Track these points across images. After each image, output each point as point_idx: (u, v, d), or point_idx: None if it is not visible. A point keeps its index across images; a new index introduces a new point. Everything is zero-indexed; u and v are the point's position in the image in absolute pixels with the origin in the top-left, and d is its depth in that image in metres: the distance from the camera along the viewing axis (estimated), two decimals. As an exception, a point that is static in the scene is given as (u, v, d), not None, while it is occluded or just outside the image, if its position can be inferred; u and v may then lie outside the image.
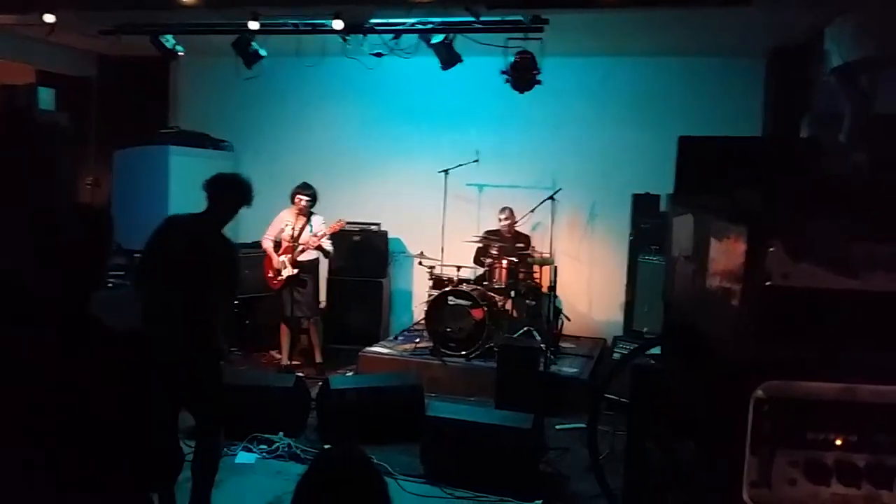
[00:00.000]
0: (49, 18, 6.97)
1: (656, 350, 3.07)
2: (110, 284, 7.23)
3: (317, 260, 8.22)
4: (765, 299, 1.65)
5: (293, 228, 7.89)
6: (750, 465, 1.69)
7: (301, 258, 7.91)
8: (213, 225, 4.63)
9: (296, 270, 7.87)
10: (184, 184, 8.98)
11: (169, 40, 7.75)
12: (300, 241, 7.89)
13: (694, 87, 8.45)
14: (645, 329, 7.65)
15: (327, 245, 8.07)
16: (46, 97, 8.03)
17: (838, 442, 1.68)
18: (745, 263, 1.67)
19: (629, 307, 8.31)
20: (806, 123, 5.40)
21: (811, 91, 6.79)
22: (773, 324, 1.65)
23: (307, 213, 7.98)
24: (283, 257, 7.86)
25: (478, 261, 8.61)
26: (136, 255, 7.86)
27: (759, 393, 1.67)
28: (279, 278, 7.90)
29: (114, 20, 7.64)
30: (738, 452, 1.69)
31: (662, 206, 7.36)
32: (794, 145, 2.68)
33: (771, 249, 1.63)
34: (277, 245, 7.95)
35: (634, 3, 6.16)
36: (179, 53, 7.95)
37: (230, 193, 4.67)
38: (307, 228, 7.98)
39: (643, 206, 8.20)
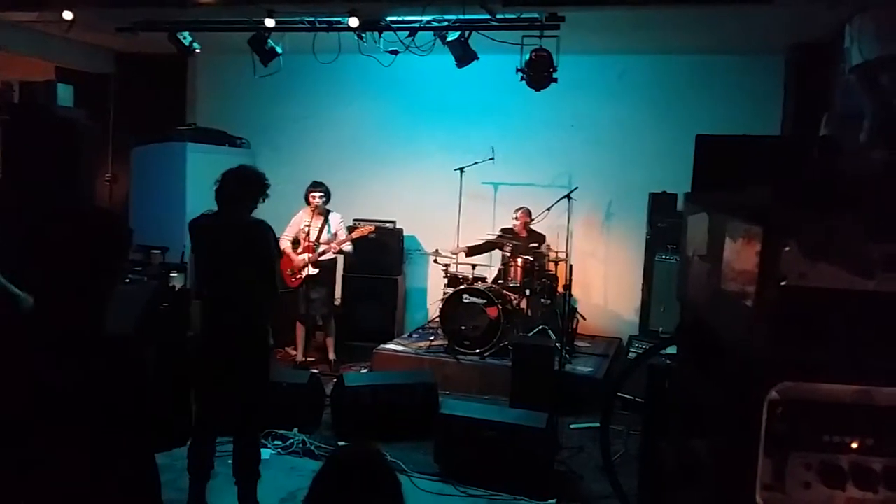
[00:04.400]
0: (68, 15, 7.01)
1: (672, 350, 3.04)
2: (127, 280, 7.28)
3: (335, 260, 8.27)
4: (780, 300, 1.62)
5: (311, 228, 7.94)
6: (763, 467, 1.67)
7: (321, 258, 7.96)
8: (236, 218, 4.63)
9: (316, 270, 7.92)
10: (201, 180, 8.99)
11: (186, 37, 7.77)
12: (320, 240, 7.93)
13: (712, 85, 8.41)
14: (661, 329, 7.63)
15: (348, 247, 8.14)
16: (65, 94, 8.05)
17: (854, 445, 1.65)
18: (760, 263, 1.64)
19: (645, 307, 8.29)
20: (826, 122, 5.34)
21: (831, 89, 6.72)
22: (789, 325, 1.63)
23: (323, 212, 8.02)
24: (303, 256, 7.91)
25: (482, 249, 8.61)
26: (153, 250, 7.97)
27: (774, 394, 1.65)
28: (297, 277, 7.94)
29: (131, 17, 7.67)
30: (751, 454, 1.67)
31: (679, 206, 7.33)
32: (813, 144, 2.65)
33: (786, 249, 1.60)
34: (296, 244, 8.00)
35: (650, 0, 6.11)
36: (196, 51, 7.97)
37: (246, 188, 4.65)
38: (326, 227, 8.02)
39: (660, 205, 8.19)
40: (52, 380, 1.87)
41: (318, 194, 7.93)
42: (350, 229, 8.40)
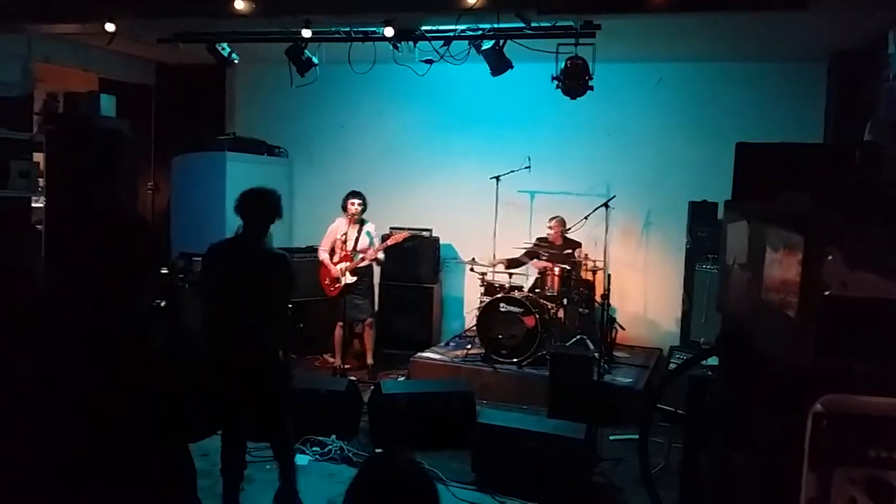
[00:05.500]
0: (110, 27, 7.12)
1: (714, 361, 3.00)
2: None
3: (371, 267, 8.32)
4: (823, 310, 1.58)
5: (348, 237, 8.00)
6: (808, 482, 1.63)
7: (359, 266, 8.02)
8: (251, 241, 4.72)
9: (354, 279, 7.98)
10: (240, 189, 9.08)
11: (225, 48, 7.86)
12: (357, 249, 7.99)
13: (752, 92, 8.30)
14: (702, 339, 7.53)
15: (381, 256, 8.20)
16: (108, 104, 8.20)
17: (902, 460, 1.60)
18: (802, 273, 1.61)
19: (686, 317, 8.19)
20: (869, 129, 5.25)
21: (874, 96, 6.60)
22: (832, 335, 1.59)
23: (360, 221, 8.07)
24: (341, 265, 7.98)
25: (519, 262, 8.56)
26: (195, 258, 8.08)
27: (818, 407, 1.61)
28: (336, 286, 8.00)
29: (172, 29, 7.78)
30: (795, 469, 1.63)
31: (720, 214, 7.24)
32: (855, 152, 2.60)
33: (829, 258, 1.56)
34: (332, 253, 8.05)
35: (687, 7, 6.02)
36: (235, 61, 8.06)
37: (260, 209, 4.73)
38: (362, 236, 8.06)
39: (700, 213, 8.10)
40: (75, 379, 1.90)
41: (356, 202, 7.99)
42: (384, 238, 8.46)
